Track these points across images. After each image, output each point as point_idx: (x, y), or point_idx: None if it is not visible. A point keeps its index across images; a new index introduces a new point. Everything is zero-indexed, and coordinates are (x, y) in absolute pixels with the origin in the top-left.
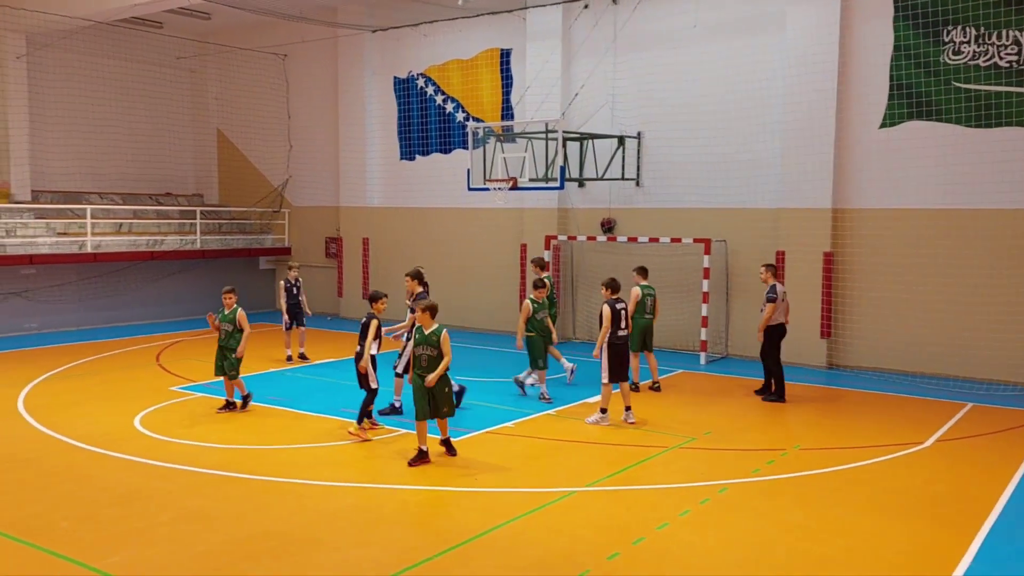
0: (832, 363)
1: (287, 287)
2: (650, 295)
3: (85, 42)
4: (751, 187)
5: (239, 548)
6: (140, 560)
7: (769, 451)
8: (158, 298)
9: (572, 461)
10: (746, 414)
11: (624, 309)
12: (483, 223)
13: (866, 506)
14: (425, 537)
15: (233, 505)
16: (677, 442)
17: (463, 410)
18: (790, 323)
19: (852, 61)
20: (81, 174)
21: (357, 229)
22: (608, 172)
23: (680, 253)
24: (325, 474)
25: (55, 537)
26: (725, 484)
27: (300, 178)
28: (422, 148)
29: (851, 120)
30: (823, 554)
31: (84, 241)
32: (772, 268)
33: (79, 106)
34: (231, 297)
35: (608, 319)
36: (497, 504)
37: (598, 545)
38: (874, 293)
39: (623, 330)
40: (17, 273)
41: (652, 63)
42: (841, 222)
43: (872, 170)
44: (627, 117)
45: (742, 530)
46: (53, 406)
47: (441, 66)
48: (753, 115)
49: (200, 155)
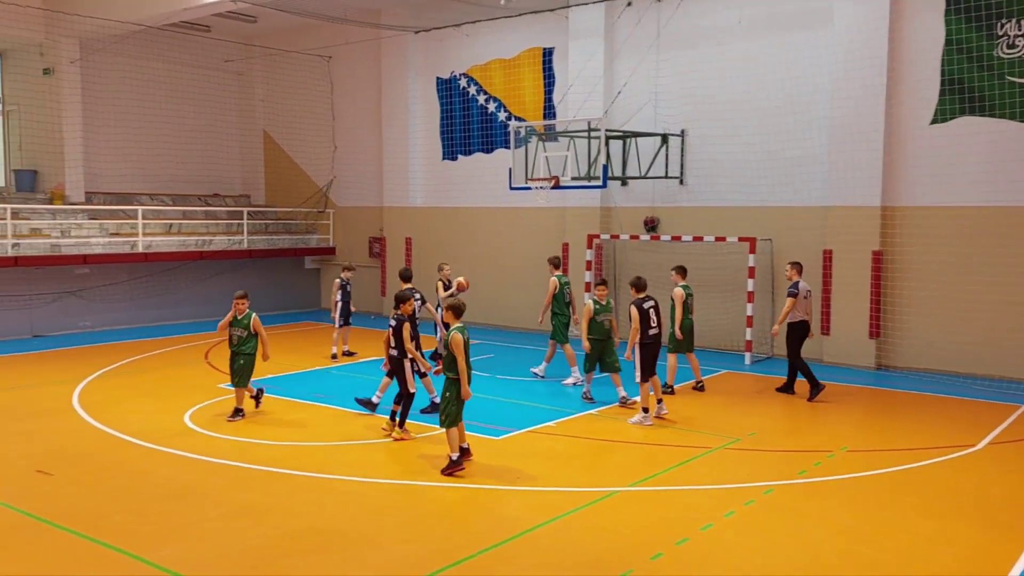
0: (881, 364)
1: (342, 285)
2: (691, 294)
3: (136, 46)
4: (797, 185)
5: (286, 543)
6: (190, 554)
7: (816, 452)
8: (206, 297)
9: (615, 461)
10: (792, 415)
11: (653, 308)
12: (525, 222)
13: (916, 509)
14: (467, 535)
15: (280, 501)
16: (721, 443)
17: (506, 409)
18: (832, 323)
19: (902, 56)
20: (133, 176)
21: (400, 229)
22: (651, 170)
23: (724, 252)
24: (370, 471)
25: (109, 530)
26: (771, 485)
27: (344, 178)
28: (464, 148)
29: (901, 116)
30: (873, 557)
31: (135, 241)
32: (798, 265)
33: (130, 109)
34: (244, 302)
35: (637, 320)
36: (539, 503)
37: (641, 545)
38: (924, 292)
39: (653, 329)
40: (71, 273)
41: (696, 60)
42: (891, 220)
43: (923, 167)
44: (670, 115)
45: (788, 532)
46: (106, 402)
47: (483, 66)
48: (800, 111)
49: (247, 156)
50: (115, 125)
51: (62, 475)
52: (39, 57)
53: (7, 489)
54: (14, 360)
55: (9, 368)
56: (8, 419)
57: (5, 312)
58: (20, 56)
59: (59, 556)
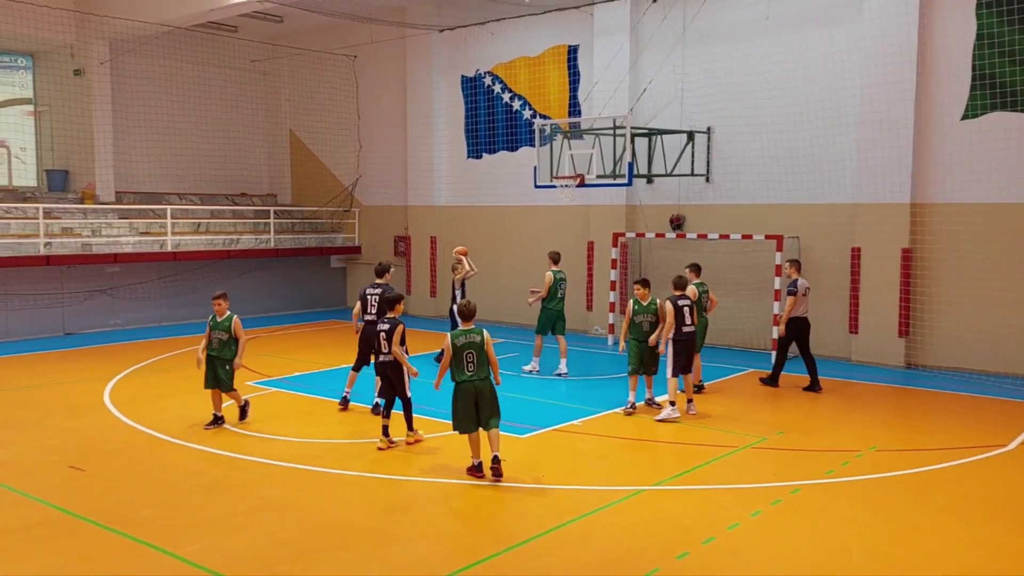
0: (910, 362)
1: None
2: (705, 292)
3: (164, 47)
4: (825, 182)
5: (312, 538)
6: (219, 547)
7: (844, 452)
8: (234, 295)
9: (640, 459)
10: (820, 414)
11: (687, 306)
12: (550, 221)
13: (946, 509)
14: (492, 533)
15: (306, 496)
16: (748, 442)
17: (530, 407)
18: (860, 322)
19: (932, 51)
20: (162, 175)
21: (425, 228)
22: (677, 168)
23: (751, 250)
24: (394, 468)
25: (139, 525)
26: (798, 485)
27: (369, 177)
28: (489, 146)
29: (931, 112)
30: (901, 557)
31: (165, 240)
32: (796, 263)
33: (159, 109)
34: (223, 303)
35: (671, 315)
36: (565, 501)
37: (667, 544)
38: (955, 291)
39: (688, 326)
40: (103, 271)
41: (722, 57)
42: (920, 217)
43: (953, 163)
44: (696, 112)
45: (816, 532)
46: (137, 399)
47: (508, 64)
48: (827, 108)
49: (273, 156)
50: (144, 125)
51: (94, 470)
52: (70, 59)
53: (41, 484)
54: (47, 357)
55: (42, 365)
56: (41, 415)
57: (38, 310)
58: (51, 58)
59: (91, 550)
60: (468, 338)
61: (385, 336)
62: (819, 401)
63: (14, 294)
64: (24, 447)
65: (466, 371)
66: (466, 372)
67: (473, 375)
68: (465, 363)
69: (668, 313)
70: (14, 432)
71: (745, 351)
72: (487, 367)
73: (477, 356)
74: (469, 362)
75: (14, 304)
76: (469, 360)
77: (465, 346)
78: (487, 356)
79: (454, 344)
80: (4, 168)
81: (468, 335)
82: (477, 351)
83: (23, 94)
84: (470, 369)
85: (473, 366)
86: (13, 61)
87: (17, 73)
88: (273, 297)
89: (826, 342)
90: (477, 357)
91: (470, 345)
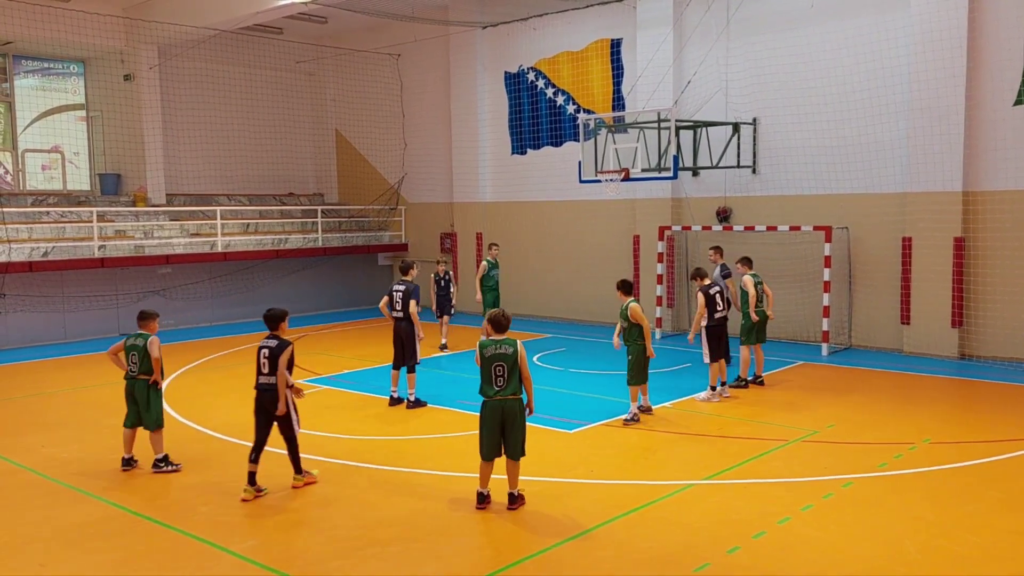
0: (964, 353)
1: (436, 280)
2: (759, 284)
3: (211, 51)
4: (874, 171)
5: (366, 534)
6: (273, 543)
7: (896, 445)
8: (283, 295)
9: (689, 454)
10: (872, 406)
11: (719, 292)
12: (595, 215)
13: (1001, 503)
14: (543, 528)
15: (358, 493)
16: (799, 435)
17: (578, 402)
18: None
19: (982, 36)
20: (211, 177)
21: (471, 224)
22: (723, 160)
23: (799, 241)
24: (445, 464)
25: (195, 522)
26: (850, 479)
27: (415, 175)
28: (533, 142)
29: (983, 98)
30: (957, 552)
31: (215, 241)
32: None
33: (207, 112)
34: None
35: (703, 304)
36: (614, 496)
37: (718, 538)
38: (1010, 280)
39: (719, 312)
40: (155, 273)
41: (767, 46)
42: (973, 205)
43: (1007, 150)
44: (742, 103)
45: (868, 526)
46: (190, 398)
47: (551, 59)
48: (875, 96)
49: (320, 155)
50: (193, 128)
51: (150, 469)
52: (120, 64)
53: (99, 483)
54: (103, 358)
55: (98, 365)
56: (100, 415)
57: (94, 311)
58: (102, 64)
59: (150, 547)
60: (498, 348)
61: (268, 356)
62: (871, 394)
63: (70, 296)
64: (83, 446)
65: (494, 386)
66: (494, 387)
67: (502, 391)
68: (494, 377)
69: (700, 303)
70: (74, 432)
71: (795, 343)
72: (519, 384)
73: (508, 370)
74: (498, 376)
75: (71, 306)
76: (498, 374)
77: (494, 357)
78: (520, 371)
79: (482, 354)
80: (58, 173)
81: (499, 345)
82: (509, 364)
83: (75, 100)
84: (499, 384)
85: (503, 380)
86: (65, 68)
87: (69, 79)
88: (321, 295)
89: (878, 334)
90: (508, 371)
91: (500, 357)
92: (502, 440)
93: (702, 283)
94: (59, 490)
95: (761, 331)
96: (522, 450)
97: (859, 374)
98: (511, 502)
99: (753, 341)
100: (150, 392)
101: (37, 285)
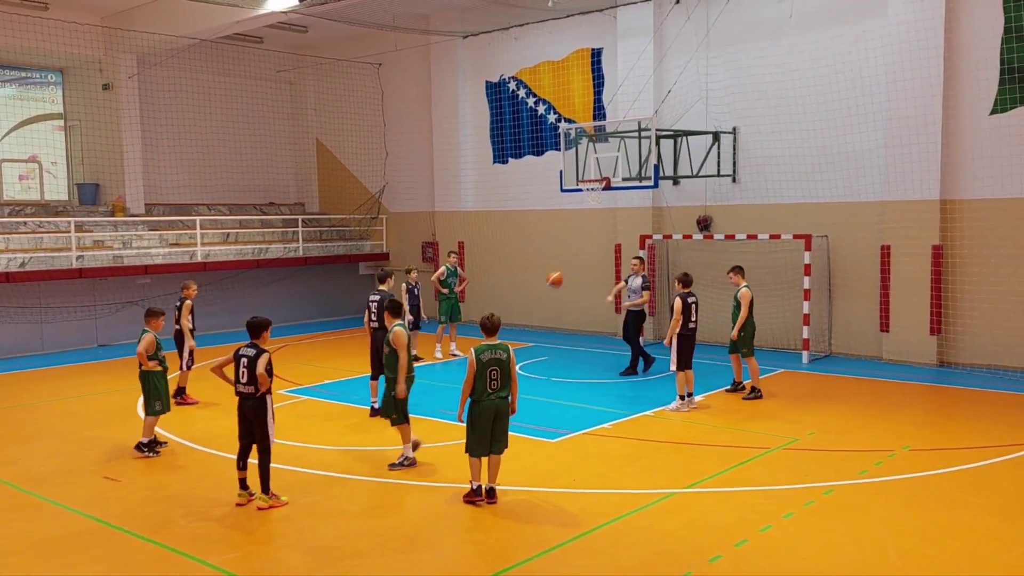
0: (943, 360)
1: (408, 289)
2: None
3: (190, 60)
4: (853, 180)
5: (348, 545)
6: (254, 556)
7: (877, 452)
8: (264, 304)
9: (672, 462)
10: (852, 414)
11: (695, 303)
12: (576, 224)
13: (982, 509)
14: (526, 537)
15: (339, 503)
16: (780, 443)
17: (561, 410)
18: (891, 320)
19: (959, 45)
20: (190, 187)
21: (452, 233)
22: (703, 169)
23: (779, 250)
24: (427, 474)
25: (175, 535)
26: (831, 486)
27: (396, 184)
28: (514, 151)
29: (959, 107)
30: (938, 558)
31: (194, 251)
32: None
33: (186, 121)
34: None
35: (679, 311)
36: (597, 505)
37: (700, 546)
38: (987, 287)
39: (693, 322)
40: (133, 283)
41: (747, 56)
42: (950, 214)
43: (983, 159)
44: (722, 112)
45: (850, 533)
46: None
47: (532, 68)
48: (854, 105)
49: (300, 164)
50: (172, 137)
51: (129, 481)
52: (98, 73)
53: (78, 495)
54: (82, 369)
55: (77, 377)
56: (77, 426)
57: (72, 323)
58: (80, 73)
59: (128, 560)
60: (494, 353)
61: (247, 365)
62: (851, 401)
63: (48, 307)
64: (61, 459)
65: (488, 388)
66: (488, 389)
67: (495, 393)
68: (489, 380)
69: (676, 309)
70: (52, 444)
71: (775, 351)
72: (509, 386)
73: (502, 374)
74: (493, 379)
75: (48, 317)
76: (493, 377)
77: (491, 362)
78: (510, 375)
79: (479, 359)
80: (36, 183)
81: (494, 350)
82: (503, 368)
83: (53, 109)
84: (493, 387)
85: (497, 383)
86: (43, 77)
87: (47, 89)
88: (302, 305)
89: (858, 342)
90: (501, 375)
91: (496, 362)
92: (491, 437)
93: (682, 289)
94: (37, 503)
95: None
96: (506, 443)
97: (839, 382)
98: (491, 496)
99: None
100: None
101: (14, 296)
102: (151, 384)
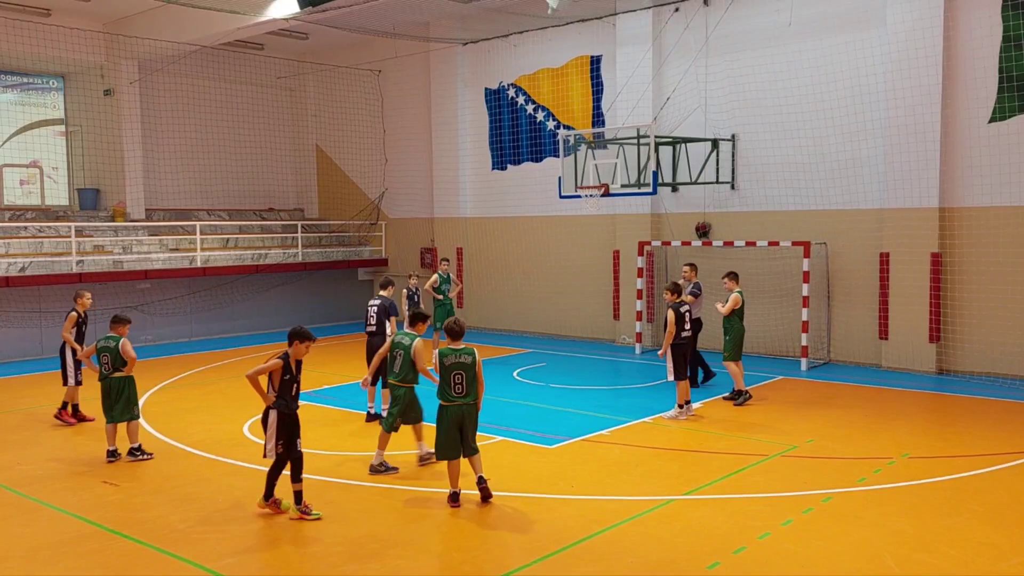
0: (942, 368)
1: (408, 295)
2: (743, 301)
3: (192, 66)
4: (852, 188)
5: (345, 550)
6: (252, 561)
7: (876, 459)
8: (263, 310)
9: (670, 469)
10: (851, 421)
11: (687, 311)
12: (575, 231)
13: (980, 517)
14: (523, 544)
15: (338, 509)
16: (778, 450)
17: (559, 417)
18: (890, 328)
19: (958, 53)
20: (190, 192)
21: (451, 239)
22: (702, 176)
23: (778, 257)
24: (425, 480)
25: (173, 539)
26: (829, 493)
27: (395, 190)
28: (513, 157)
29: (958, 115)
30: (936, 565)
31: (194, 256)
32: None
33: (187, 127)
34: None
35: (673, 322)
36: (594, 512)
37: (698, 554)
38: (986, 295)
39: (686, 331)
40: (134, 288)
41: (746, 64)
42: (949, 221)
43: (982, 167)
44: (721, 119)
45: (848, 540)
46: (169, 414)
47: (531, 75)
48: (853, 113)
49: (300, 170)
50: (173, 143)
51: (128, 486)
52: (100, 79)
53: (77, 500)
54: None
55: None
56: (74, 431)
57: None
58: (82, 79)
59: (125, 564)
60: (457, 357)
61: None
62: (850, 408)
63: (48, 311)
64: (59, 463)
65: (452, 392)
66: (453, 394)
67: (460, 398)
68: (453, 384)
69: (670, 321)
70: (49, 449)
71: (774, 358)
72: (475, 391)
73: (466, 378)
74: (458, 383)
75: (48, 322)
76: (457, 381)
77: (454, 366)
78: (477, 379)
79: (442, 362)
80: (37, 188)
81: (458, 354)
82: (467, 372)
83: (55, 115)
84: (458, 391)
85: (461, 388)
86: (45, 82)
87: (49, 94)
88: (301, 311)
89: (856, 349)
90: (466, 379)
91: (459, 366)
92: (461, 441)
93: (674, 299)
94: (34, 507)
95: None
96: (476, 448)
97: (838, 389)
98: (481, 484)
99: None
100: (126, 387)
101: (14, 300)
102: (130, 390)
